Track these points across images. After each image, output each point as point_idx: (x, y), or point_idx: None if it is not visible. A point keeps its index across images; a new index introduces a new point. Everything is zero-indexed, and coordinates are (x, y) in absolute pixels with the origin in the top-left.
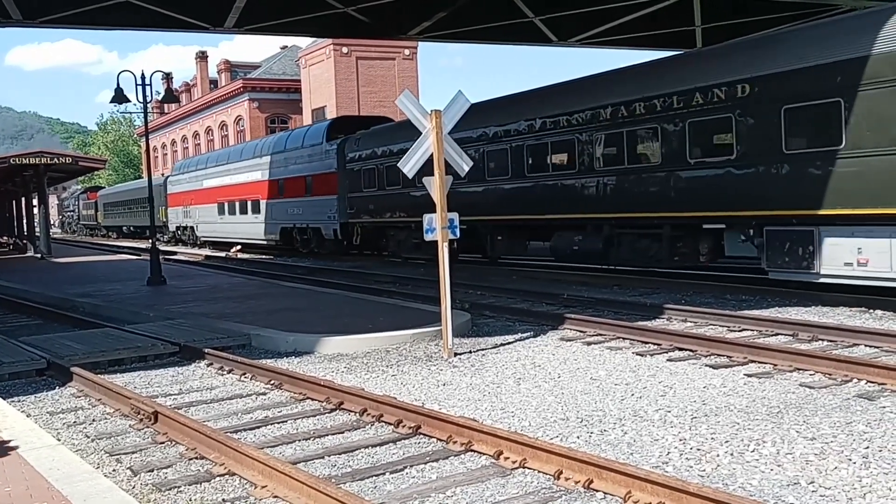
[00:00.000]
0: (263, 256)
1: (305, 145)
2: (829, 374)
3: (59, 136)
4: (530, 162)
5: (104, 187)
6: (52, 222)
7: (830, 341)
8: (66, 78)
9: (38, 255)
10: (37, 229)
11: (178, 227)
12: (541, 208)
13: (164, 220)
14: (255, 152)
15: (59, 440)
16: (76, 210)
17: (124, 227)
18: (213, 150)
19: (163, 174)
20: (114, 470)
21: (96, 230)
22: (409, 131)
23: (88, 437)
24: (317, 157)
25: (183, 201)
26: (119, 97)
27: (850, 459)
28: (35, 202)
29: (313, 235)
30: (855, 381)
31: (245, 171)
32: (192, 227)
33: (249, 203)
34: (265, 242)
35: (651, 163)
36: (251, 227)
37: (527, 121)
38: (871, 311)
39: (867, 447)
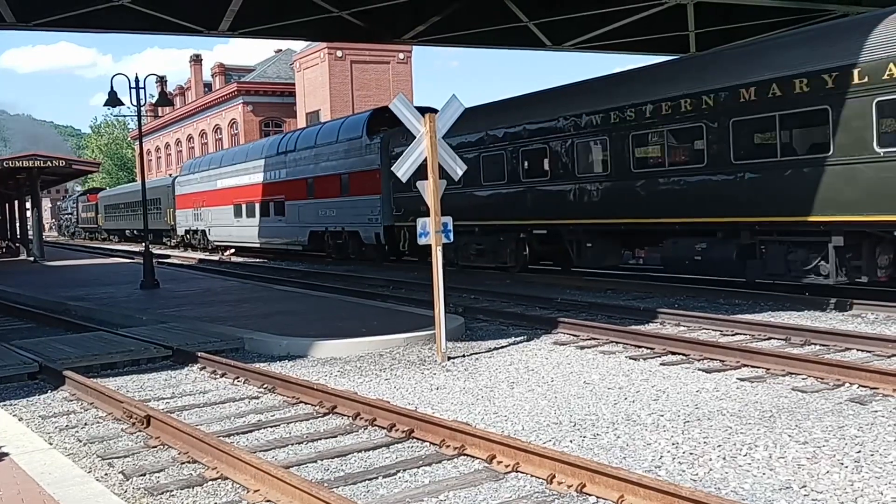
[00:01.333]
0: (257, 260)
1: (341, 140)
2: (822, 379)
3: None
4: (636, 155)
5: (105, 188)
6: (47, 225)
7: (823, 345)
8: (60, 81)
9: (32, 259)
10: (30, 232)
11: (187, 231)
12: (648, 210)
13: (172, 223)
14: (278, 149)
15: (50, 444)
16: (74, 213)
17: (127, 231)
18: (207, 153)
19: (170, 174)
20: (106, 474)
21: (96, 233)
22: (471, 121)
23: (80, 441)
24: (355, 153)
25: (193, 203)
26: (113, 100)
27: (842, 463)
28: (28, 205)
29: (350, 240)
30: (847, 385)
31: (267, 170)
32: (203, 231)
33: (272, 204)
34: (289, 247)
35: (820, 154)
36: (273, 231)
37: (633, 106)
38: (863, 315)
39: (859, 451)
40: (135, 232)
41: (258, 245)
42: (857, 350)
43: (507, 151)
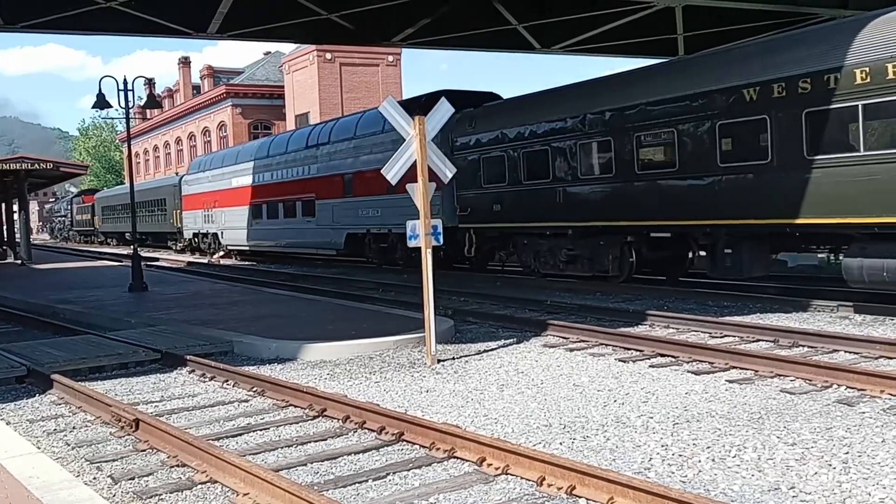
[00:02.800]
0: (246, 263)
1: (388, 129)
2: (810, 380)
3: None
4: (810, 140)
5: (102, 189)
6: (36, 228)
7: (811, 347)
8: (48, 83)
9: (19, 262)
10: (17, 235)
11: (195, 234)
12: (828, 208)
13: (178, 225)
14: (307, 142)
15: (39, 448)
16: (69, 215)
17: (127, 234)
18: (196, 156)
19: (176, 172)
20: (94, 478)
21: (92, 236)
22: (562, 103)
23: (69, 445)
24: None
25: (204, 203)
26: (101, 102)
27: (831, 465)
28: (15, 208)
29: (398, 243)
30: (835, 386)
31: (293, 166)
32: (214, 234)
33: (299, 204)
34: (320, 252)
35: None
36: (300, 234)
37: (818, 74)
38: (851, 317)
39: (847, 452)
40: (136, 235)
41: (281, 249)
42: (845, 352)
43: (618, 138)
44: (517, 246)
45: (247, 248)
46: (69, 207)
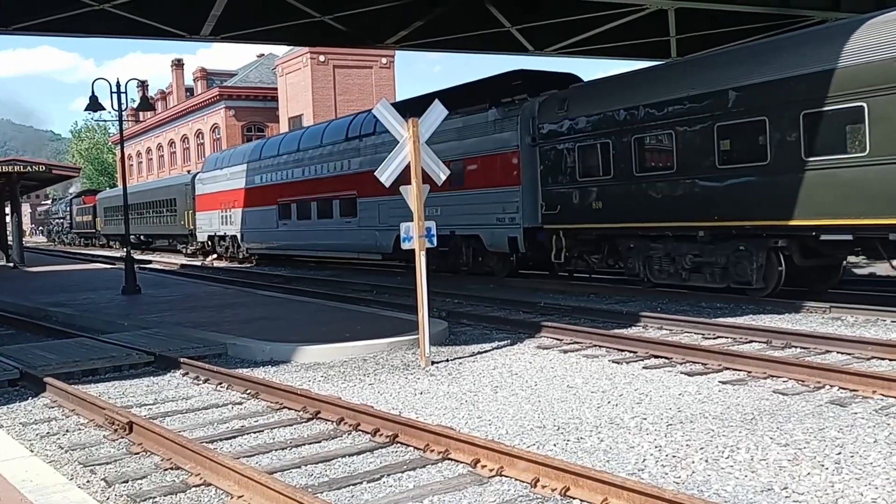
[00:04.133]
0: (240, 266)
1: (451, 116)
2: (802, 381)
3: (32, 143)
4: None
5: (104, 189)
6: (31, 230)
7: (803, 348)
8: (41, 85)
9: (11, 265)
10: (10, 238)
11: (211, 237)
12: None
13: (191, 227)
14: (348, 133)
15: (32, 451)
16: (68, 216)
17: (132, 236)
18: (189, 159)
19: (189, 171)
20: (88, 481)
21: (94, 239)
22: (703, 74)
23: (62, 448)
24: (475, 131)
25: (221, 203)
26: (93, 105)
27: (823, 465)
28: (8, 210)
29: (465, 247)
30: (827, 387)
31: (329, 160)
32: (233, 237)
33: (337, 203)
34: (362, 257)
35: None
36: (338, 236)
37: None
38: (843, 318)
39: (839, 453)
40: (141, 237)
41: (313, 254)
42: (838, 352)
43: (778, 117)
44: (621, 250)
45: (272, 251)
46: (68, 209)
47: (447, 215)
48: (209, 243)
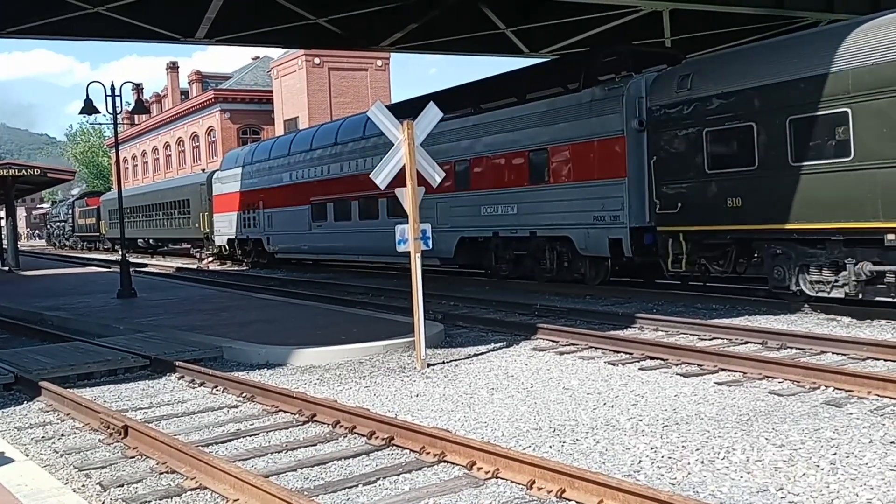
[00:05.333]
0: (235, 268)
1: (531, 98)
2: (798, 382)
3: (27, 146)
4: None
5: (107, 190)
6: (27, 234)
7: (799, 349)
8: (36, 88)
9: (6, 269)
10: (4, 242)
11: (231, 241)
12: None
13: (206, 230)
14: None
15: (27, 455)
16: (70, 219)
17: (140, 240)
18: (184, 162)
19: (203, 169)
20: (83, 485)
21: (97, 242)
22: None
23: (57, 452)
24: (564, 115)
25: (243, 204)
26: (88, 108)
27: (819, 466)
28: (2, 214)
29: (548, 250)
30: (823, 388)
31: (372, 154)
32: (257, 241)
33: (383, 202)
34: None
35: None
36: (384, 238)
37: None
38: (838, 318)
39: (835, 453)
40: (150, 241)
41: (353, 258)
42: (833, 353)
43: None
44: (762, 257)
45: (303, 256)
46: (70, 211)
47: (525, 214)
48: (226, 247)
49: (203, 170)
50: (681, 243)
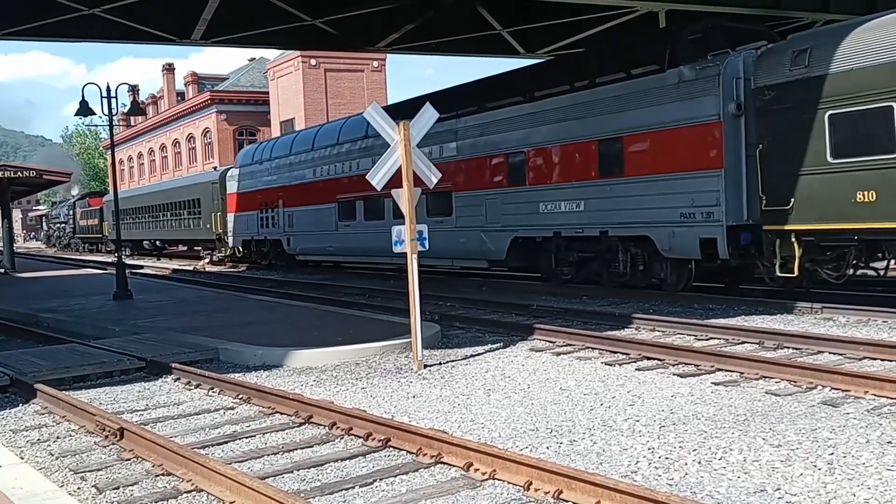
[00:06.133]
0: (232, 270)
1: (602, 81)
2: (795, 382)
3: (22, 148)
4: None
5: (104, 192)
6: (23, 236)
7: (795, 349)
8: (32, 90)
9: (2, 270)
10: (0, 244)
11: (246, 241)
12: None
13: (218, 231)
14: (439, 114)
15: (22, 458)
16: (70, 220)
17: (145, 241)
18: (181, 164)
19: (215, 167)
20: (78, 488)
21: (100, 244)
22: None
23: (52, 455)
24: (644, 99)
25: (260, 203)
26: (84, 109)
27: (816, 466)
28: None
29: (623, 252)
30: (820, 388)
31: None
32: (276, 241)
33: (423, 200)
34: (458, 262)
35: None
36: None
37: None
38: (835, 318)
39: (832, 453)
40: (156, 243)
41: (385, 261)
42: (829, 353)
43: None
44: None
45: (327, 258)
46: (70, 212)
47: (594, 211)
48: (241, 249)
49: (215, 167)
50: (792, 244)
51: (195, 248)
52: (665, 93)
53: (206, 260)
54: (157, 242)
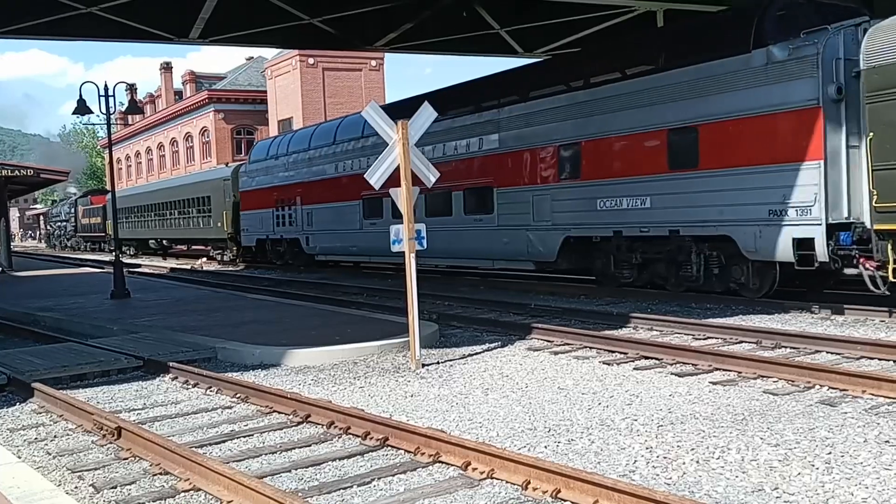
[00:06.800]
0: (230, 269)
1: (680, 65)
2: (792, 381)
3: (20, 147)
4: None
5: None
6: (21, 235)
7: (793, 348)
8: (30, 89)
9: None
10: None
11: (261, 241)
12: None
13: (229, 230)
14: (479, 102)
15: (19, 457)
16: (72, 219)
17: (151, 241)
18: (178, 163)
19: (228, 163)
20: (76, 487)
21: (103, 243)
22: None
23: (50, 454)
24: (727, 83)
25: (276, 200)
26: (82, 108)
27: (813, 465)
28: None
29: (696, 254)
30: (817, 387)
31: (445, 140)
32: (294, 240)
33: (459, 196)
34: (500, 264)
35: None
36: (462, 239)
37: None
38: (833, 318)
39: (829, 453)
40: (163, 242)
41: (418, 262)
42: (827, 352)
43: None
44: None
45: (352, 259)
46: (72, 210)
47: (662, 208)
48: (253, 249)
49: (229, 164)
50: None
51: (205, 247)
52: (750, 76)
53: (204, 259)
54: (164, 242)
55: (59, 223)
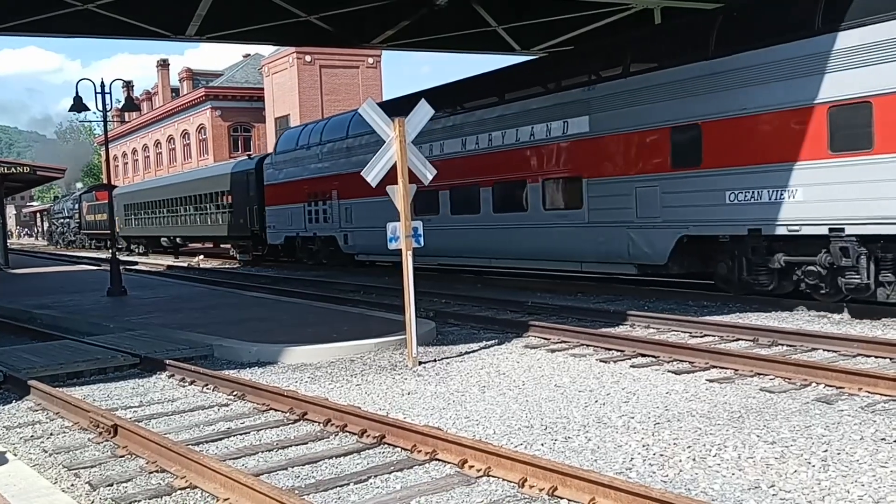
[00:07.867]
0: (227, 266)
1: (836, 28)
2: (789, 379)
3: (17, 144)
4: None
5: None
6: (18, 233)
7: (790, 346)
8: (26, 86)
9: None
10: None
11: (290, 238)
12: None
13: (252, 227)
14: (557, 80)
15: (15, 455)
16: (76, 215)
17: (162, 238)
18: (175, 160)
19: (250, 155)
20: (72, 485)
21: (108, 241)
22: None
23: (46, 452)
24: None
25: (307, 194)
26: (78, 105)
27: (810, 462)
28: None
29: (867, 258)
30: (814, 385)
31: (516, 124)
32: (328, 238)
33: (537, 188)
34: (588, 266)
35: None
36: (542, 238)
37: None
38: (829, 315)
39: (826, 450)
40: (176, 240)
41: (483, 263)
42: (824, 350)
43: None
44: None
45: (389, 261)
46: (76, 207)
47: (817, 201)
48: (277, 247)
49: (251, 155)
50: None
51: (223, 245)
52: None
53: (202, 256)
54: (178, 240)
55: (63, 220)
